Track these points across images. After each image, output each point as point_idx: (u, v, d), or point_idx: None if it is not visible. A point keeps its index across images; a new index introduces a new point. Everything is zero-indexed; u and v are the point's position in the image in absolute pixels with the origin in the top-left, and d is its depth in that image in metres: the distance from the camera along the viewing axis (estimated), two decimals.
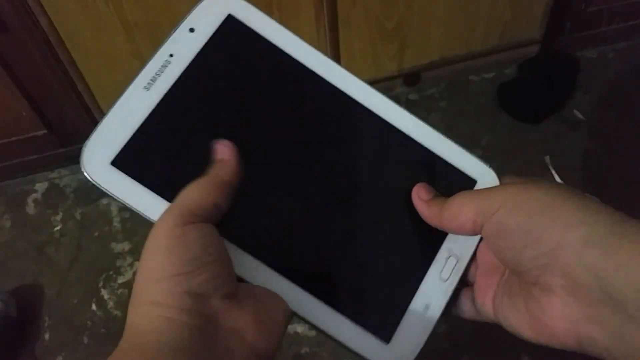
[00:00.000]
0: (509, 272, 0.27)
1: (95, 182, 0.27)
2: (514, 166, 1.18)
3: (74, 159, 1.29)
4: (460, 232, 0.26)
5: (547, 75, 1.26)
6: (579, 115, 1.28)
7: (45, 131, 1.18)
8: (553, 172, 1.16)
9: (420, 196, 0.28)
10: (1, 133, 1.16)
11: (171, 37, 0.29)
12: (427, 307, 0.26)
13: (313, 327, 0.25)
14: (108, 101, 1.18)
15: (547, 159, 1.18)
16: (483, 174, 0.31)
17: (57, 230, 1.15)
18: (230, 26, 0.30)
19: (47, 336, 1.00)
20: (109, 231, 1.13)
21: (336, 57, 1.21)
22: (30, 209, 1.20)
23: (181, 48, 0.29)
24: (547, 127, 1.26)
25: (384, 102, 0.31)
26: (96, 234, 1.13)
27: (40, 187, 1.24)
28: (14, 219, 1.18)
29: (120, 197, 0.26)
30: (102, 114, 1.16)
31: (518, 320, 0.26)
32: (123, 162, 0.27)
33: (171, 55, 0.29)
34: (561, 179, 1.14)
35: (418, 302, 0.26)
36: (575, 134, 1.24)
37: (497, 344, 0.92)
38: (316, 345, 0.94)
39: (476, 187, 0.31)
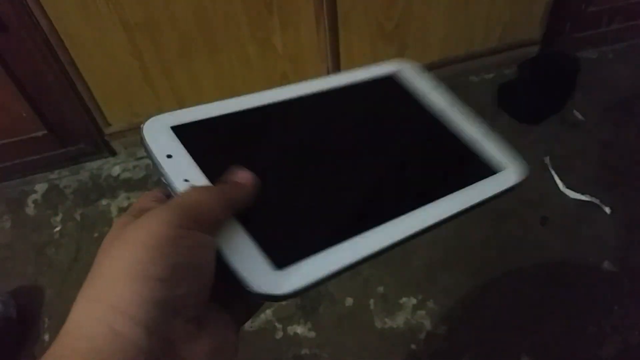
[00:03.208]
0: None
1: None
2: None
3: (74, 159, 1.29)
4: None
5: (547, 76, 1.26)
6: (579, 116, 1.28)
7: (45, 132, 1.18)
8: (553, 172, 1.16)
9: None
10: (1, 134, 1.16)
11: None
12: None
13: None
14: (108, 101, 1.18)
15: (547, 159, 1.18)
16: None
17: (57, 231, 1.15)
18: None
19: (46, 337, 1.00)
20: (109, 232, 1.13)
21: (336, 57, 1.21)
22: (30, 209, 1.20)
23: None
24: (547, 128, 1.26)
25: None
26: (96, 234, 1.13)
27: (40, 187, 1.24)
28: (13, 220, 1.18)
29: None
30: (102, 114, 1.15)
31: None
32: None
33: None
34: (561, 179, 1.14)
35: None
36: (575, 134, 1.24)
37: (497, 344, 0.93)
38: (316, 347, 0.95)
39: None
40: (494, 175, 0.34)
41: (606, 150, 1.20)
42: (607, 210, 1.08)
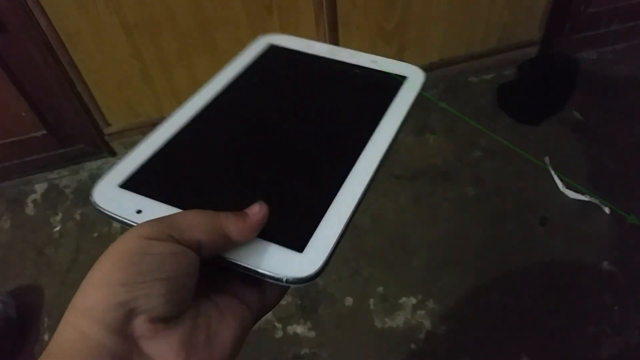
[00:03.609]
0: None
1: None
2: (513, 167, 1.18)
3: (74, 159, 1.29)
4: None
5: (547, 77, 1.26)
6: (579, 116, 1.28)
7: (45, 132, 1.18)
8: (553, 172, 1.16)
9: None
10: (1, 134, 1.16)
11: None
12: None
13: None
14: (107, 101, 1.18)
15: (547, 159, 1.18)
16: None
17: (57, 230, 1.14)
18: None
19: (46, 337, 1.00)
20: (109, 232, 1.13)
21: None
22: (30, 209, 1.20)
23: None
24: (546, 128, 1.26)
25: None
26: (95, 234, 1.13)
27: (40, 187, 1.23)
28: (13, 220, 1.18)
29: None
30: (102, 114, 1.15)
31: None
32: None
33: None
34: (561, 179, 1.14)
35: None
36: (574, 135, 1.24)
37: (497, 344, 0.93)
38: (316, 346, 0.95)
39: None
40: (404, 85, 0.37)
41: (606, 151, 1.21)
42: (607, 210, 1.08)
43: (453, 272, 1.02)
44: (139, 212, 0.27)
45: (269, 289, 0.27)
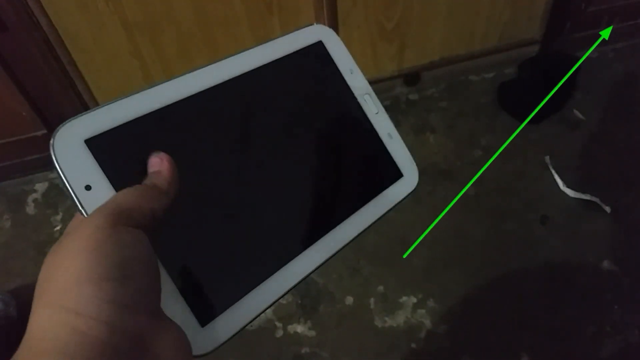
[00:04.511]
0: None
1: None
2: (514, 166, 1.18)
3: None
4: None
5: (547, 75, 1.26)
6: (579, 115, 1.28)
7: (45, 131, 1.18)
8: (553, 171, 1.16)
9: None
10: (1, 133, 1.16)
11: None
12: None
13: None
14: (108, 100, 1.18)
15: (547, 159, 1.18)
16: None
17: (57, 230, 1.15)
18: None
19: None
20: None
21: None
22: (30, 209, 1.20)
23: None
24: (547, 127, 1.26)
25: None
26: None
27: (40, 187, 1.24)
28: (14, 219, 1.18)
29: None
30: None
31: None
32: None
33: None
34: (561, 178, 1.14)
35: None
36: (575, 134, 1.24)
37: (497, 343, 0.93)
38: (316, 346, 0.95)
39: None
40: (397, 182, 0.33)
41: (606, 150, 1.20)
42: (607, 209, 1.08)
43: (453, 271, 1.02)
44: (87, 188, 0.23)
45: None
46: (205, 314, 0.23)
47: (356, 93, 0.33)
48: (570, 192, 1.12)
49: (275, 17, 1.07)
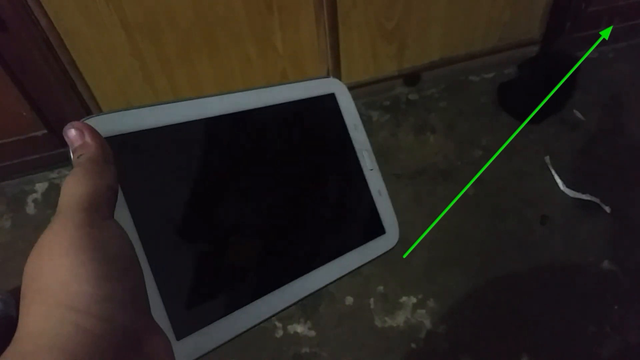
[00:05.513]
0: None
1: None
2: (514, 166, 1.18)
3: None
4: None
5: (547, 75, 1.26)
6: (579, 115, 1.28)
7: (45, 131, 1.18)
8: (553, 171, 1.16)
9: None
10: (1, 133, 1.16)
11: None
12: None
13: None
14: (108, 101, 1.18)
15: (547, 159, 1.18)
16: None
17: None
18: None
19: None
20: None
21: (336, 57, 1.21)
22: (30, 209, 1.20)
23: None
24: (547, 127, 1.26)
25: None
26: None
27: (40, 187, 1.24)
28: (14, 219, 1.18)
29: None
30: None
31: None
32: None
33: None
34: (561, 179, 1.14)
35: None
36: (575, 134, 1.24)
37: (497, 343, 0.93)
38: (316, 345, 0.95)
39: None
40: (378, 238, 0.34)
41: (606, 150, 1.21)
42: (607, 209, 1.08)
43: (453, 271, 1.02)
44: None
45: None
46: (181, 329, 0.24)
47: (356, 147, 0.35)
48: (570, 192, 1.12)
49: (275, 17, 1.07)
